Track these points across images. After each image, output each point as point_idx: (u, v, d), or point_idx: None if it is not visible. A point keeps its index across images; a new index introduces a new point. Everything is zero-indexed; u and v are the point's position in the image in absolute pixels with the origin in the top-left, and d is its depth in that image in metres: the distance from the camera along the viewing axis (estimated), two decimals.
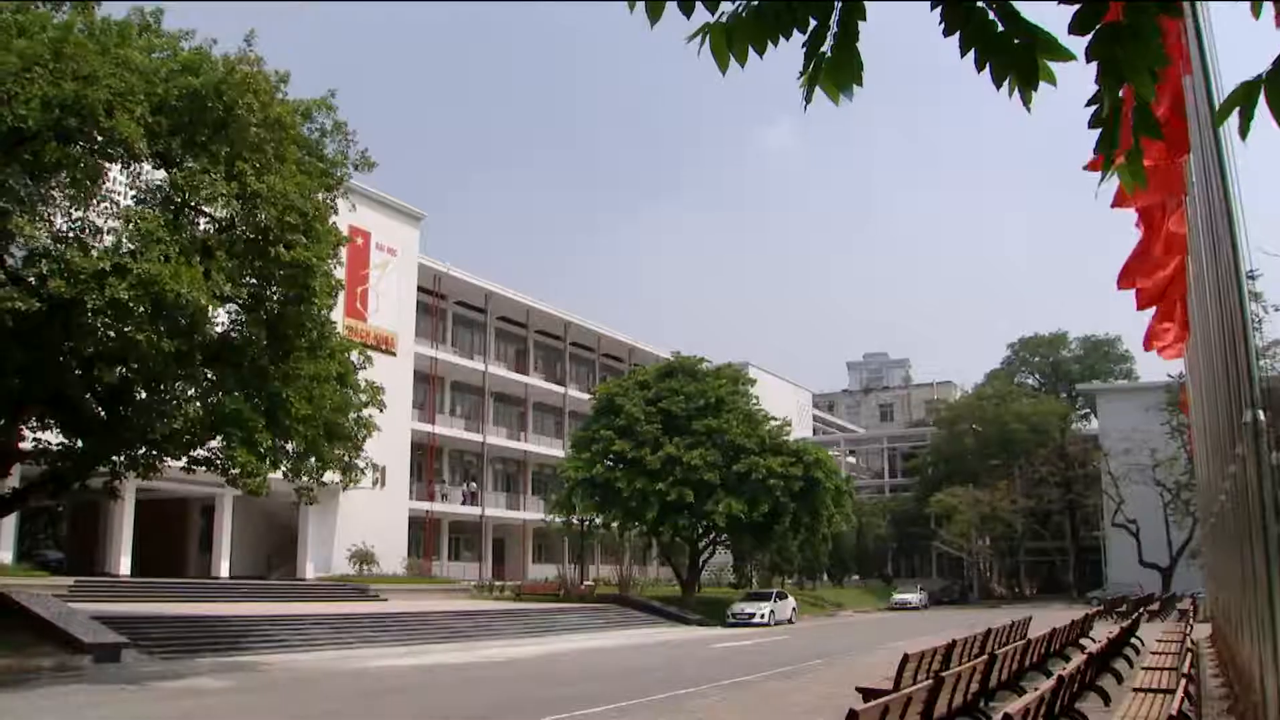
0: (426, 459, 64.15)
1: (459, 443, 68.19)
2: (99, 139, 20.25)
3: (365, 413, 27.42)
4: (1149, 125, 3.60)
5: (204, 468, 26.19)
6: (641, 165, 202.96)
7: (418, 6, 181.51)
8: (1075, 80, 3.79)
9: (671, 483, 50.42)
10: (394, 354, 56.13)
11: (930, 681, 11.08)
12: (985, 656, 14.89)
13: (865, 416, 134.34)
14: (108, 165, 21.54)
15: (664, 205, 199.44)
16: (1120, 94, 3.49)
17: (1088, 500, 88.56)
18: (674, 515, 51.52)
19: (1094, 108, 3.59)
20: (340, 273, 27.04)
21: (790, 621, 52.20)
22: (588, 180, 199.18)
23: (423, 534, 62.20)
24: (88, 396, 23.75)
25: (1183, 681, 11.81)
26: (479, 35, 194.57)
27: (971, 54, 3.47)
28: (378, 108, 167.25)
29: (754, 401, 57.42)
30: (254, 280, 23.21)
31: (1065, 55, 3.48)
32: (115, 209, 22.17)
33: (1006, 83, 3.51)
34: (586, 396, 68.71)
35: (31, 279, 20.91)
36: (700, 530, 54.70)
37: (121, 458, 25.93)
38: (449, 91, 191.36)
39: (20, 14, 21.71)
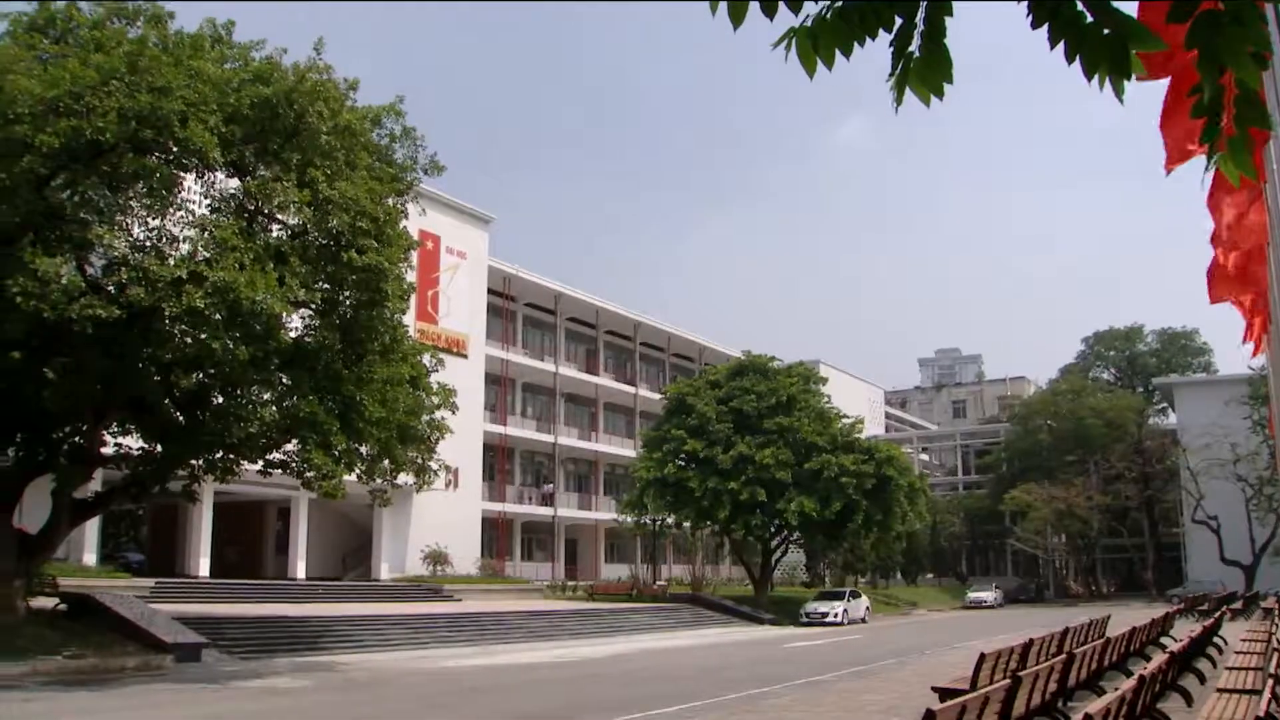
0: (498, 460, 64.52)
1: (530, 444, 68.51)
2: (174, 149, 20.58)
3: (438, 415, 27.65)
4: (1258, 115, 3.54)
5: (280, 471, 26.62)
6: (707, 165, 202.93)
7: (481, 7, 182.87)
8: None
9: (743, 481, 50.31)
10: (465, 356, 56.50)
11: (1008, 681, 10.94)
12: (1063, 656, 14.67)
13: (938, 413, 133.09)
14: (183, 175, 21.86)
15: (729, 205, 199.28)
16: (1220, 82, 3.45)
17: (1166, 496, 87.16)
18: (746, 514, 51.41)
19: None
20: (411, 276, 27.25)
21: (864, 620, 51.91)
22: (654, 181, 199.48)
23: (495, 534, 62.59)
24: (166, 402, 24.13)
25: (1269, 682, 11.57)
26: (544, 37, 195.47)
27: (1035, 47, 3.45)
28: (441, 109, 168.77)
29: (825, 399, 57.13)
30: (327, 285, 23.44)
31: (1156, 44, 3.45)
32: (191, 217, 22.45)
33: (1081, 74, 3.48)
34: (657, 396, 68.77)
35: (111, 287, 21.32)
36: (772, 529, 54.53)
37: (200, 461, 26.38)
38: (513, 93, 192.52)
39: (97, 30, 22.17)
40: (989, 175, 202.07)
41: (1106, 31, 3.41)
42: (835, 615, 49.46)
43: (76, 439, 26.25)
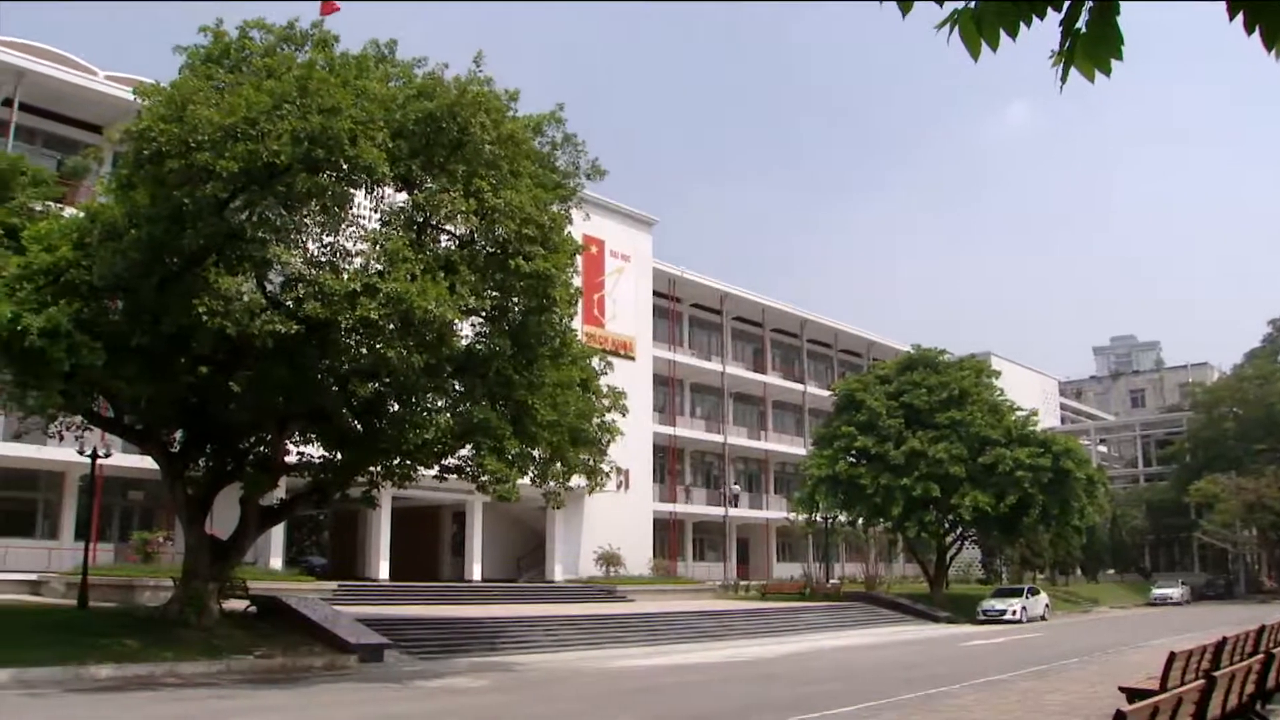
0: (668, 461, 64.81)
1: (700, 444, 68.61)
2: (345, 167, 21.16)
3: (608, 417, 27.95)
4: None
5: (455, 475, 27.32)
6: (866, 158, 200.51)
7: (637, 8, 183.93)
8: None
9: (916, 477, 49.63)
10: (633, 358, 56.88)
11: (1201, 682, 10.56)
12: (1261, 655, 14.10)
13: (1115, 403, 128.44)
14: (354, 191, 22.47)
15: (888, 198, 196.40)
16: None
17: None
18: (919, 510, 50.75)
19: None
20: (578, 281, 27.54)
21: (1043, 618, 50.71)
22: (814, 177, 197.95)
23: (667, 535, 62.88)
24: (345, 411, 24.86)
25: None
26: (705, 36, 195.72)
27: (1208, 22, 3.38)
28: (602, 112, 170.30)
29: (998, 392, 55.98)
30: (496, 292, 23.79)
31: None
32: (362, 232, 23.13)
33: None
34: (826, 393, 68.25)
35: (289, 302, 22.11)
36: (947, 525, 53.66)
37: (378, 468, 27.22)
38: (674, 95, 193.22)
39: (268, 58, 23.03)
40: (1154, 157, 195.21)
41: None
42: (1013, 613, 48.37)
43: (262, 448, 27.42)
